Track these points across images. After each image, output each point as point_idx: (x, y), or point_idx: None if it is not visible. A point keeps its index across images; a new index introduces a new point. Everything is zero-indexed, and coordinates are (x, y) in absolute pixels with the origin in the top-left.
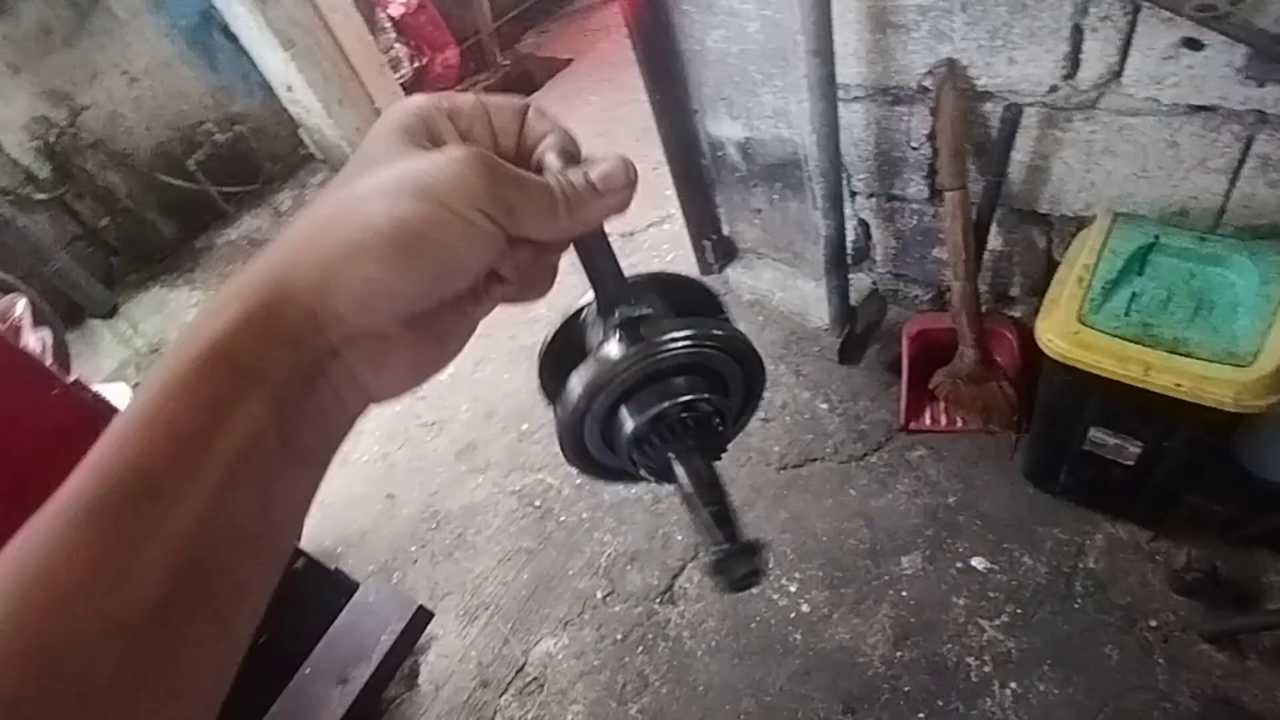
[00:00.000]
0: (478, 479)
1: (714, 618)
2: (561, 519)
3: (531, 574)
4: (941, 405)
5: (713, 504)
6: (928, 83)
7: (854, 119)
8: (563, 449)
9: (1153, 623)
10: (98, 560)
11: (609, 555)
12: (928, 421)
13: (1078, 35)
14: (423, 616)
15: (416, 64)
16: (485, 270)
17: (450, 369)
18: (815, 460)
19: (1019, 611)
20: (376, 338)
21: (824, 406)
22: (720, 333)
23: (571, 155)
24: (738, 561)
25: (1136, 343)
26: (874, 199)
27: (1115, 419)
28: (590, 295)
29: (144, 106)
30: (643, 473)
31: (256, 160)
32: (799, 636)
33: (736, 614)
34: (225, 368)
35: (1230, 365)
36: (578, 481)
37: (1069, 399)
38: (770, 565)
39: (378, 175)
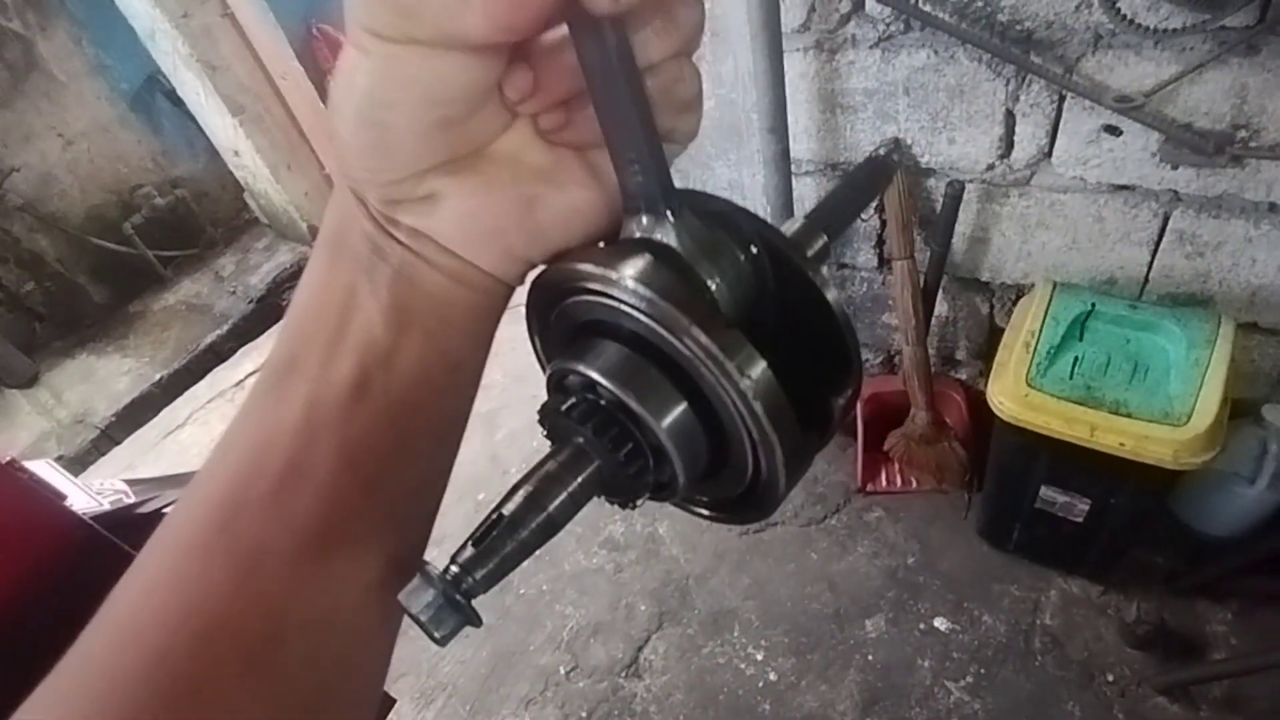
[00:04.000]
0: (433, 551)
1: (681, 690)
2: (521, 592)
3: (491, 651)
4: (896, 466)
5: (518, 519)
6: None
7: (805, 191)
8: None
9: (1109, 677)
10: (260, 423)
11: (571, 628)
12: (884, 483)
13: (1010, 119)
14: (385, 703)
15: None
16: (460, 93)
17: None
18: (776, 524)
19: (983, 671)
20: (419, 199)
21: None
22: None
23: None
24: (451, 604)
25: (1081, 404)
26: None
27: (1064, 477)
28: None
29: (79, 169)
30: (544, 401)
31: (198, 224)
32: (767, 706)
33: (704, 685)
34: (325, 246)
35: (1167, 425)
36: (537, 553)
37: (1020, 459)
38: (736, 633)
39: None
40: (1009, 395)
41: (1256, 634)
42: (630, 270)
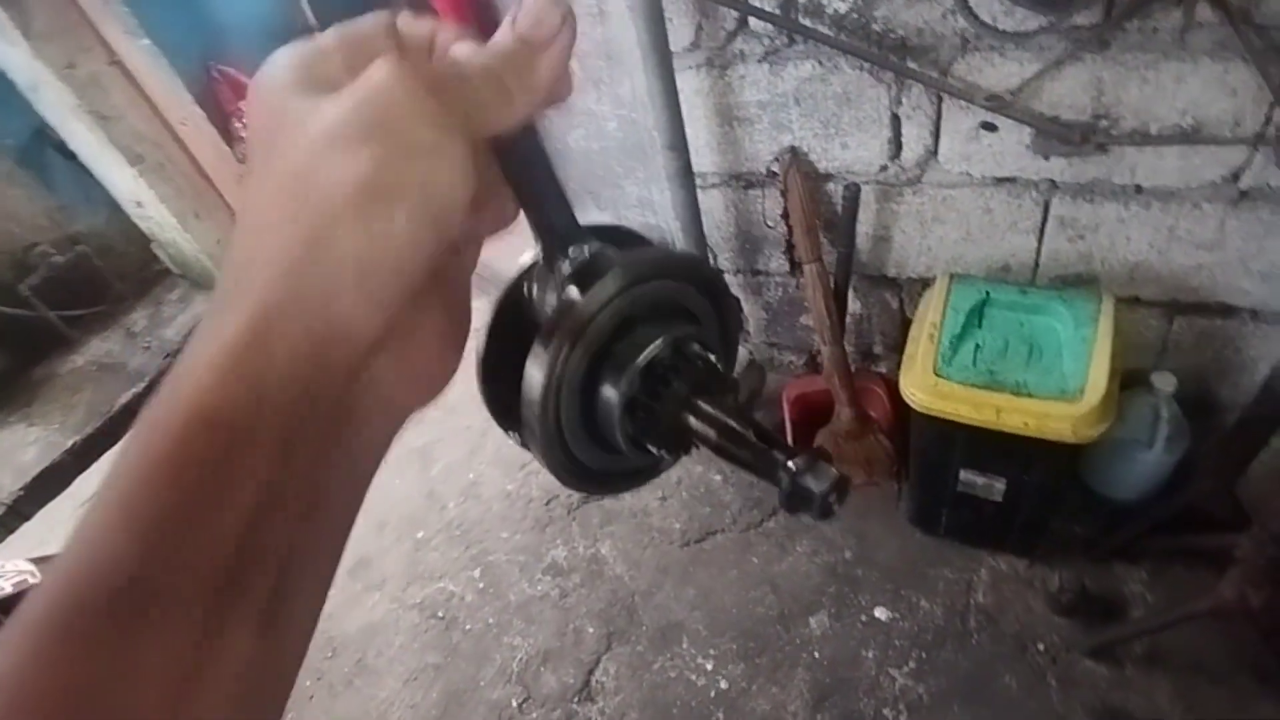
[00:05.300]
0: (374, 596)
1: (635, 709)
2: (467, 628)
3: (441, 691)
4: None
5: (751, 433)
6: (775, 168)
7: (713, 204)
8: (553, 469)
9: (1041, 646)
10: (79, 692)
11: (520, 659)
12: None
13: (896, 122)
14: None
15: None
16: (472, 196)
17: None
18: (716, 533)
19: (924, 655)
20: (395, 333)
21: (718, 478)
22: (682, 259)
23: (474, 38)
24: (815, 475)
25: (986, 389)
26: (740, 275)
27: (980, 460)
28: (526, 257)
29: None
30: (650, 448)
31: (103, 280)
32: (721, 715)
33: (657, 701)
34: (216, 430)
35: (1063, 402)
36: (481, 586)
37: (938, 446)
38: (685, 645)
39: (298, 145)
40: (919, 386)
41: (1169, 589)
42: (635, 255)
